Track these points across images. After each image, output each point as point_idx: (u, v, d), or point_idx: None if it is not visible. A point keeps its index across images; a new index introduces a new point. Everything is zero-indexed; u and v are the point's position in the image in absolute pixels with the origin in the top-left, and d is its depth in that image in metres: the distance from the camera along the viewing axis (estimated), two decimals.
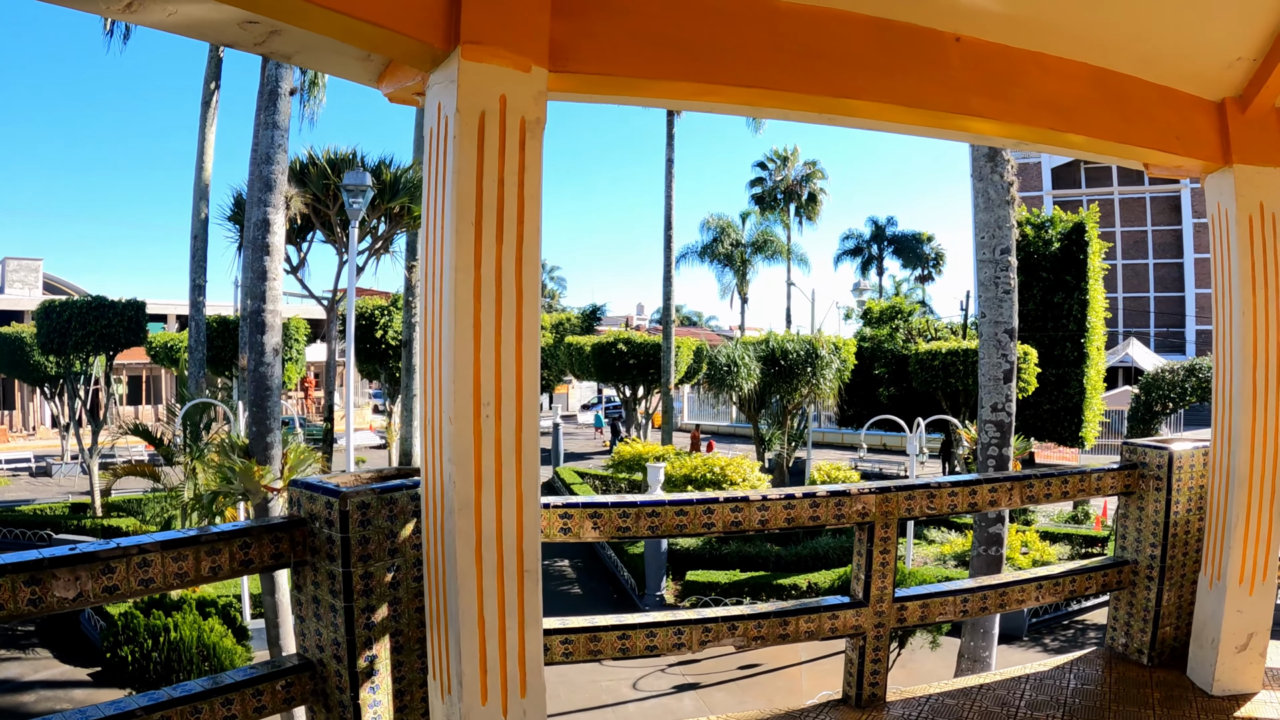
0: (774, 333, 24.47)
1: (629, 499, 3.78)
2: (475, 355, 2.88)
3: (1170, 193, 69.47)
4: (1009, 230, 10.63)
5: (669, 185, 30.15)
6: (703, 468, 19.54)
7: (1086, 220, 23.65)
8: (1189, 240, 68.21)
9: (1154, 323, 69.04)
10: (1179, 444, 4.91)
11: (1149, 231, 70.63)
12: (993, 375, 10.69)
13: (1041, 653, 15.91)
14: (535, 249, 2.98)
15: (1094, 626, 17.37)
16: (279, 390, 10.78)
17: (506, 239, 2.92)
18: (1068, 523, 24.35)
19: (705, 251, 62.95)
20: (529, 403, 2.98)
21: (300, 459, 11.14)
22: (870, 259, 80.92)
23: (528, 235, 2.95)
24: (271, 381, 10.54)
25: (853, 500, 4.02)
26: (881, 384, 28.80)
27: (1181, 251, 69.06)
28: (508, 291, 2.91)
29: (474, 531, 2.92)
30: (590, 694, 13.95)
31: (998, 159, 10.72)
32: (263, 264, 10.56)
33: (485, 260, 2.89)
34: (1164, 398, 20.88)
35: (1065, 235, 23.72)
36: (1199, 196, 66.47)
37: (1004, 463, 10.79)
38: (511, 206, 2.92)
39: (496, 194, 2.89)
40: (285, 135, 10.84)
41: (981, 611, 4.65)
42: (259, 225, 10.63)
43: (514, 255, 2.93)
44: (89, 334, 26.54)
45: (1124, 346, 52.95)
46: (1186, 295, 68.37)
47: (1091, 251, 23.58)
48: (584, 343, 38.64)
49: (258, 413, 10.50)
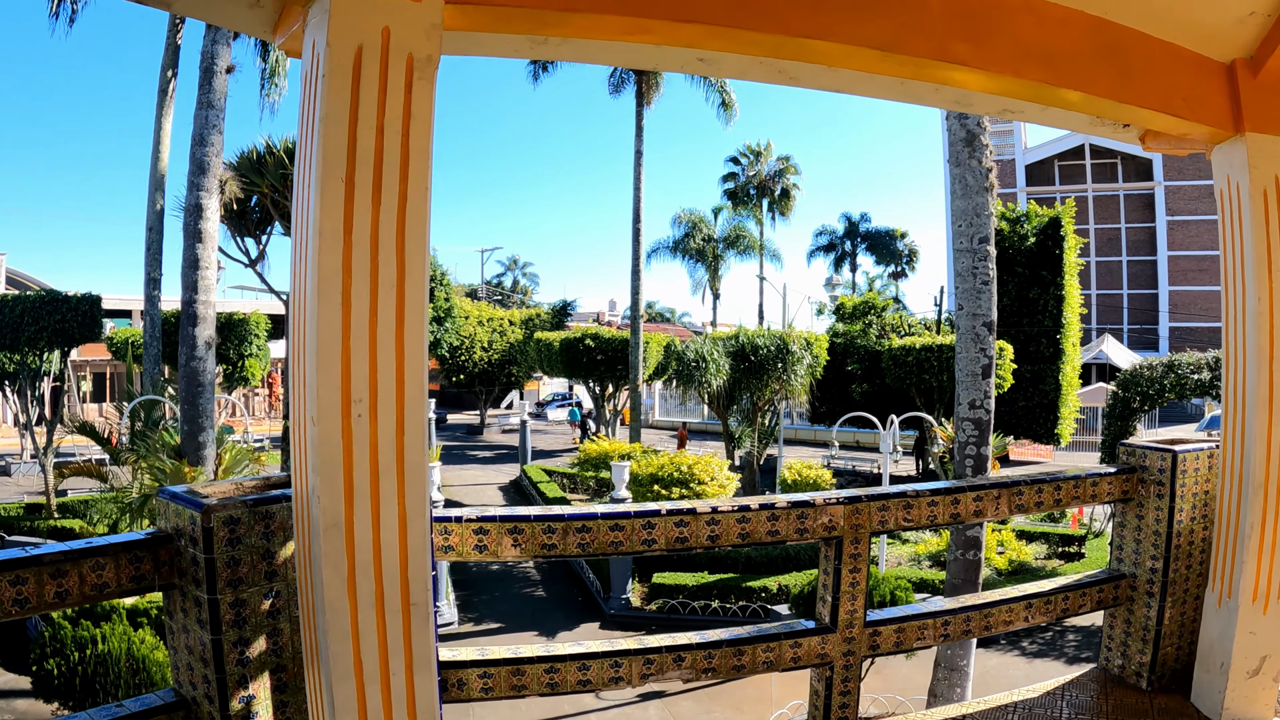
0: (744, 328, 23.95)
1: (555, 511, 3.24)
2: (344, 341, 2.35)
3: (1144, 190, 69.79)
4: (987, 218, 10.15)
5: (638, 177, 29.60)
6: (670, 467, 19.02)
7: (1063, 215, 23.32)
8: (1162, 238, 68.53)
9: (1127, 320, 69.30)
10: (1183, 445, 4.42)
11: (1123, 229, 70.95)
12: (970, 370, 10.20)
13: (1020, 657, 15.49)
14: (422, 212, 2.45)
15: (1074, 629, 16.97)
16: (212, 386, 10.13)
17: (386, 199, 2.39)
18: (1043, 520, 24.01)
19: (677, 247, 62.55)
20: (413, 400, 2.45)
21: (236, 459, 10.49)
22: (843, 255, 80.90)
23: (413, 195, 2.41)
24: (203, 377, 9.89)
25: (817, 512, 3.49)
26: (854, 380, 28.41)
27: (1155, 249, 69.38)
28: (386, 263, 2.38)
29: (345, 557, 2.41)
30: (550, 703, 13.39)
31: (975, 143, 10.23)
32: (194, 251, 9.90)
33: (358, 224, 2.37)
34: (1142, 394, 20.54)
35: (1041, 230, 23.36)
36: (1173, 194, 67.28)
37: (982, 462, 10.31)
38: (393, 160, 2.40)
39: (374, 144, 2.38)
40: (220, 116, 10.18)
41: (964, 635, 4.13)
42: (191, 210, 9.98)
43: (395, 219, 2.40)
44: (42, 329, 25.66)
45: (1098, 343, 52.93)
46: (1160, 293, 68.68)
47: (1067, 247, 23.26)
48: (553, 339, 38.08)
49: (189, 410, 9.85)
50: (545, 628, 16.77)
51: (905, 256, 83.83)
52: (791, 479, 20.29)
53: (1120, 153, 71.33)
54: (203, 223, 9.97)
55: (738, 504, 3.38)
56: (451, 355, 48.08)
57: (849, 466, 33.85)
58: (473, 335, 49.04)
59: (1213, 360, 19.95)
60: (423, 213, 2.42)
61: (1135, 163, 70.91)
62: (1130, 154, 70.68)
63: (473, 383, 51.34)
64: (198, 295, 9.91)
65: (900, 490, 3.71)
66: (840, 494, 3.56)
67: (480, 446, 46.40)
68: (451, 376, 49.86)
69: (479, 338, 49.56)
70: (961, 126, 10.21)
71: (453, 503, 28.50)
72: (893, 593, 11.45)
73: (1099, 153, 71.97)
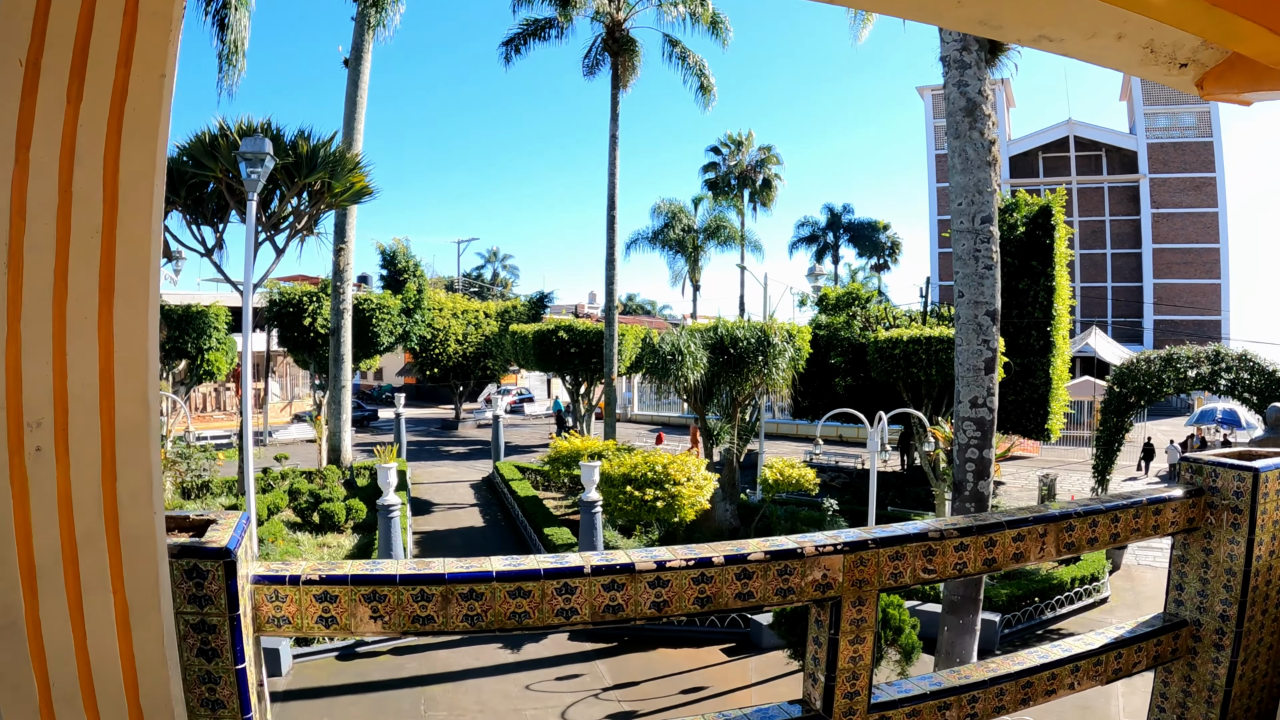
0: (724, 319, 22.97)
1: (432, 570, 2.25)
2: (10, 341, 1.36)
3: (1129, 183, 69.40)
4: (990, 195, 9.20)
5: (612, 162, 28.58)
6: (644, 466, 18.04)
7: (1053, 204, 22.38)
8: (1147, 230, 68.20)
9: (1111, 312, 68.86)
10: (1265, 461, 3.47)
11: (1107, 221, 70.58)
12: (972, 365, 9.26)
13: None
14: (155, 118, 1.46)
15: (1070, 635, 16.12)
16: None
17: (93, 94, 1.43)
18: None
19: (656, 237, 61.62)
20: (131, 420, 1.45)
21: None
22: (826, 247, 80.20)
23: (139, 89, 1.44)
24: None
25: (807, 565, 2.50)
26: (838, 374, 27.51)
27: (1140, 242, 69.01)
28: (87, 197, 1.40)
29: (30, 678, 1.43)
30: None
31: (976, 113, 9.27)
32: None
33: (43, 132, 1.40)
34: (1139, 389, 19.72)
35: (1031, 219, 22.47)
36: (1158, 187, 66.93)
37: (984, 466, 9.38)
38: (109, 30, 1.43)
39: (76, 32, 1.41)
40: None
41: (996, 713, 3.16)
42: None
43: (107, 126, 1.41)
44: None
45: (1084, 336, 52.34)
46: (1145, 285, 68.32)
47: (1058, 236, 22.33)
48: (526, 330, 37.08)
49: None
50: (511, 640, 15.70)
51: (888, 249, 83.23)
52: (773, 478, 19.38)
53: (1105, 145, 70.92)
54: None
55: (694, 556, 2.40)
56: (424, 348, 47.02)
57: (832, 463, 33.05)
58: (446, 328, 47.96)
59: (1212, 354, 19.17)
60: (155, 118, 1.46)
61: (1120, 155, 70.50)
62: (1115, 146, 70.26)
63: (447, 376, 50.27)
64: None
65: (920, 530, 2.73)
66: (839, 538, 2.57)
67: (454, 442, 45.38)
68: (425, 370, 48.73)
69: (453, 330, 48.47)
70: (961, 95, 9.26)
71: (421, 502, 27.52)
72: (884, 611, 10.53)
73: (1084, 145, 71.56)
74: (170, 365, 28.71)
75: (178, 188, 21.02)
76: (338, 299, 27.12)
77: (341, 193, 22.06)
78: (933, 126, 75.99)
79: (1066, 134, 71.38)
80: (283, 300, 30.17)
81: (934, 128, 75.90)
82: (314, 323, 29.80)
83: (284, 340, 30.80)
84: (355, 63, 27.22)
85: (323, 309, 29.77)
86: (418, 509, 26.64)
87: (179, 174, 20.77)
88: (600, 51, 29.57)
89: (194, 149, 20.29)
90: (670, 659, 14.86)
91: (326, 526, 21.63)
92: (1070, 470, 32.75)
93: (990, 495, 9.59)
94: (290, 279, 37.25)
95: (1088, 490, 29.15)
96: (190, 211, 22.08)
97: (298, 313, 30.00)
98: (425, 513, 26.25)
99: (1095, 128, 71.37)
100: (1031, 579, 17.17)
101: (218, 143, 19.98)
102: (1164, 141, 68.54)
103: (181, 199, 21.28)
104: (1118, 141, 70.44)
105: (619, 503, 17.88)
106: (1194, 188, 67.66)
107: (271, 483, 25.31)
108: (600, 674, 14.18)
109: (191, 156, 20.37)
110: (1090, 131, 71.27)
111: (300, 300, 30.10)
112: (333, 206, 23.03)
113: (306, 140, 20.65)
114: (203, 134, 20.37)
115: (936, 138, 75.79)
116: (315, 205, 22.46)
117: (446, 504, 27.68)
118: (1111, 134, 71.04)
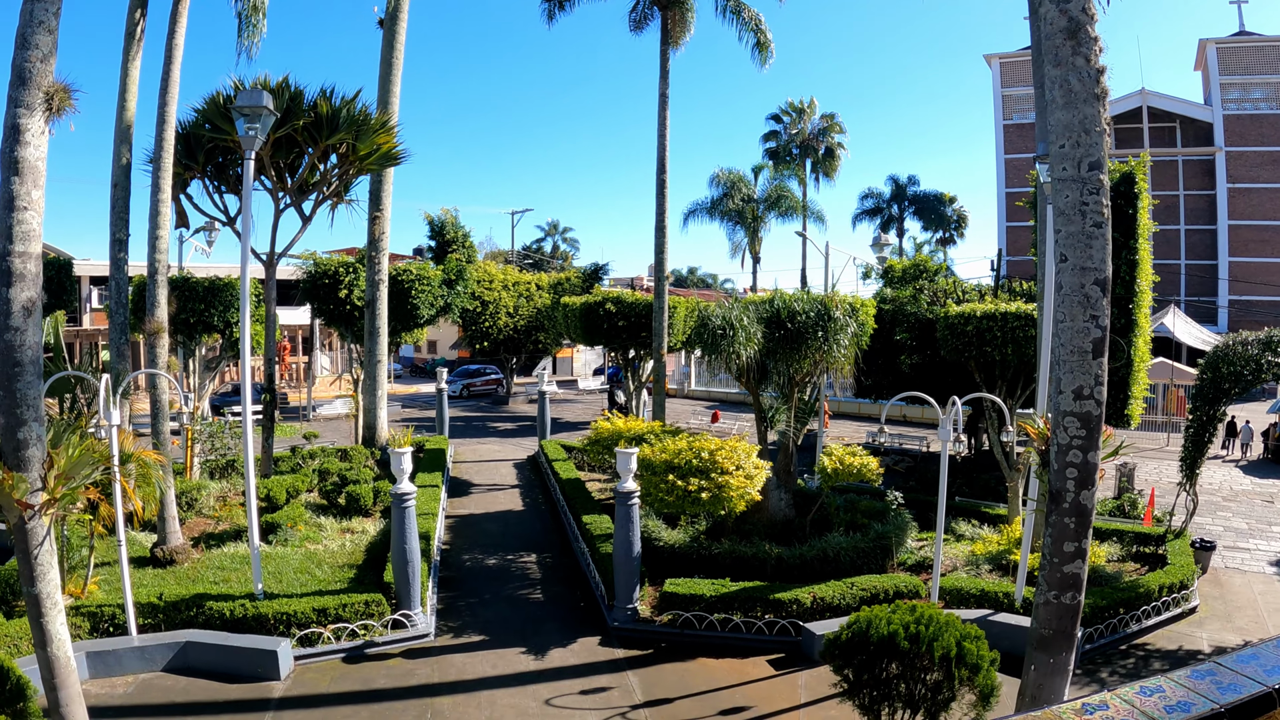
0: (781, 291, 21.06)
1: None
2: None
3: (1204, 156, 65.61)
4: (1100, 136, 7.33)
5: (662, 123, 26.65)
6: (688, 453, 16.34)
7: (1135, 171, 19.88)
8: (1223, 206, 64.45)
9: (1184, 291, 65.29)
10: None
11: (1181, 196, 66.79)
12: (1076, 346, 7.39)
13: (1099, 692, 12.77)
14: None
15: (1158, 653, 14.20)
16: (36, 366, 7.63)
17: None
18: (1113, 514, 21.10)
19: (715, 208, 59.59)
20: None
21: (76, 462, 7.99)
22: (890, 219, 77.62)
23: None
24: (21, 354, 7.40)
25: None
26: (904, 351, 25.49)
27: (1215, 218, 65.23)
28: None
29: None
30: None
31: (1080, 35, 7.38)
32: (10, 188, 7.36)
33: None
34: (1235, 374, 17.53)
35: (1113, 187, 20.12)
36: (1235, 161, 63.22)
37: (1089, 473, 7.54)
38: None
39: None
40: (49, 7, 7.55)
41: None
42: (8, 133, 7.43)
43: None
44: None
45: (1160, 315, 49.24)
46: (1220, 263, 64.66)
47: (1140, 206, 19.84)
48: (575, 303, 35.49)
49: (4, 399, 7.40)
50: (536, 643, 14.27)
51: (954, 222, 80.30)
52: (831, 467, 17.53)
53: (1179, 116, 67.12)
54: (20, 149, 7.42)
55: None
56: (473, 321, 45.74)
57: (896, 444, 31.11)
58: (497, 300, 46.60)
59: None
60: None
61: (1195, 127, 66.60)
62: (1190, 118, 66.48)
63: (497, 349, 48.99)
64: (13, 245, 7.38)
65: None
66: None
67: (503, 418, 44.10)
68: (475, 344, 47.47)
69: (504, 302, 47.11)
70: (1061, 13, 7.38)
71: (460, 483, 26.23)
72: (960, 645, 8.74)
73: (1157, 116, 67.75)
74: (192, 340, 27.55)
75: (195, 153, 19.75)
76: (373, 270, 25.79)
77: (367, 155, 20.58)
78: (1000, 96, 72.58)
79: (1139, 104, 67.57)
80: (318, 271, 28.93)
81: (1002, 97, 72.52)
82: (350, 295, 28.52)
83: (320, 312, 29.61)
84: (391, 23, 25.75)
85: (359, 280, 28.48)
86: (456, 490, 25.35)
87: (196, 138, 19.49)
88: (649, 5, 27.71)
89: (209, 111, 19.01)
90: (710, 671, 13.25)
91: (353, 510, 20.36)
92: (1146, 458, 30.38)
93: (1093, 508, 7.74)
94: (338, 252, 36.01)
95: (1167, 480, 26.89)
96: (213, 179, 20.85)
97: (333, 284, 28.73)
98: (463, 494, 24.94)
99: (1169, 98, 67.44)
100: (1116, 587, 15.21)
101: (232, 103, 18.61)
102: (1241, 114, 64.56)
103: (200, 165, 20.01)
104: (1192, 113, 66.48)
105: (660, 492, 16.27)
106: (1273, 161, 63.69)
107: (300, 462, 24.14)
108: (630, 688, 12.62)
109: (209, 120, 19.10)
110: (1164, 102, 67.39)
111: (336, 271, 28.83)
112: (362, 171, 21.57)
113: (328, 100, 19.18)
114: (216, 95, 19.06)
115: (1005, 107, 72.47)
116: (343, 169, 21.05)
117: (487, 484, 26.34)
118: (1186, 105, 67.04)
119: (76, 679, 8.58)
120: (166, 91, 17.91)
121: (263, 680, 12.73)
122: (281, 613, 13.69)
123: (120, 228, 18.11)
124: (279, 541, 17.99)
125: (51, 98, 7.49)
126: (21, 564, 7.93)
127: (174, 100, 17.98)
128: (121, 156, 18.03)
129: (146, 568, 16.42)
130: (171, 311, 23.22)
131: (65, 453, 8.03)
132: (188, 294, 26.07)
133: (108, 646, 12.94)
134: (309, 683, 12.75)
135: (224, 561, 16.77)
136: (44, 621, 8.11)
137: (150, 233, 18.09)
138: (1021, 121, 70.10)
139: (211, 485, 21.47)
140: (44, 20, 7.51)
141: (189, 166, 20.00)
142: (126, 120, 18.07)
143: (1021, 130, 69.69)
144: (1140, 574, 16.70)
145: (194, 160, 19.93)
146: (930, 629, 8.88)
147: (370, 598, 14.22)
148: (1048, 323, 14.94)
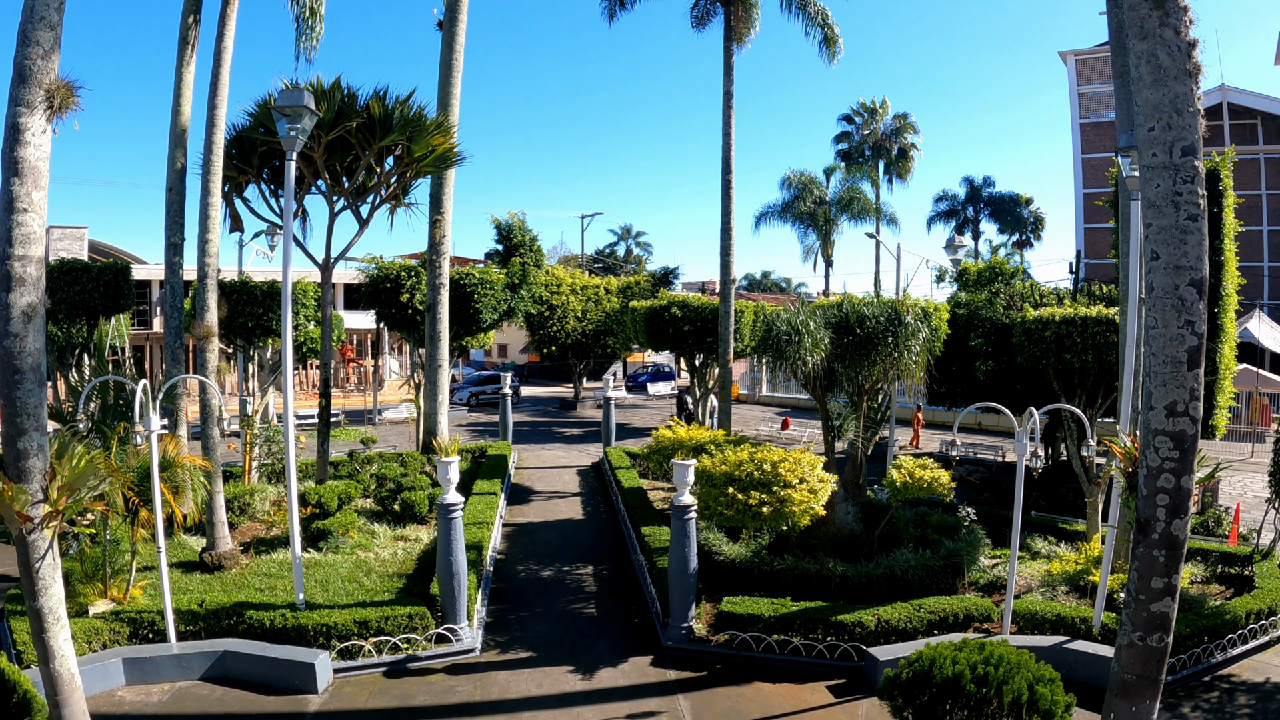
0: (850, 295, 20.16)
1: None
2: None
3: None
4: (1193, 117, 6.46)
5: (727, 122, 25.87)
6: (749, 465, 15.58)
7: (1220, 167, 18.51)
8: None
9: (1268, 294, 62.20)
10: None
11: (1263, 195, 63.64)
12: (1170, 356, 6.50)
13: None
14: None
15: (1244, 686, 13.01)
16: (38, 373, 7.24)
17: None
18: (1195, 532, 19.70)
19: (786, 210, 58.59)
20: None
21: (80, 473, 7.60)
22: (965, 221, 75.74)
23: None
24: (21, 360, 7.02)
25: None
26: (978, 357, 24.37)
27: None
28: None
29: None
30: None
31: (1168, 5, 6.54)
32: (9, 189, 7.01)
33: None
34: None
35: None
36: None
37: (1182, 500, 6.63)
38: None
39: None
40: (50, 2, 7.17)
41: None
42: (8, 132, 7.06)
43: None
44: (61, 301, 23.89)
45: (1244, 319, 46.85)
46: None
47: (1226, 205, 18.46)
48: (642, 307, 34.89)
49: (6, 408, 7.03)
50: (584, 661, 13.65)
51: (1030, 224, 78.09)
52: (900, 481, 16.60)
53: (1261, 113, 64.04)
54: (20, 149, 7.04)
55: None
56: (541, 325, 45.46)
57: (969, 454, 29.90)
58: (565, 304, 46.27)
59: None
60: None
61: (1277, 123, 63.51)
62: (1272, 114, 63.42)
63: (565, 354, 48.65)
64: (13, 249, 6.99)
65: None
66: None
67: (570, 423, 43.68)
68: (542, 348, 47.20)
69: (572, 306, 46.76)
70: None
71: (521, 490, 25.82)
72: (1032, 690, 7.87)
73: (1237, 112, 64.74)
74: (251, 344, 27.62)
75: (250, 157, 19.59)
76: (434, 274, 25.49)
77: (422, 157, 20.22)
78: (1077, 93, 70.08)
79: (1219, 100, 64.60)
80: (379, 275, 28.79)
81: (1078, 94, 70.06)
82: (412, 299, 28.31)
83: (382, 317, 29.46)
84: (450, 24, 25.42)
85: (420, 284, 28.26)
86: (516, 497, 24.92)
87: (249, 142, 19.32)
88: (710, 1, 27.03)
89: (261, 115, 18.84)
90: (765, 696, 12.49)
91: (407, 517, 20.01)
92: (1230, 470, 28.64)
93: (1186, 539, 6.81)
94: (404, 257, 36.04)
95: (1253, 494, 25.30)
96: (269, 182, 20.71)
97: (395, 288, 28.54)
98: (523, 501, 24.49)
99: (1251, 94, 64.34)
100: (1200, 613, 14.01)
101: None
102: None
103: (255, 169, 19.85)
104: (1274, 109, 63.38)
105: (719, 506, 15.55)
106: None
107: (357, 467, 23.91)
108: (680, 713, 11.91)
109: (261, 123, 18.93)
110: (1245, 98, 64.33)
111: (397, 275, 28.64)
112: (419, 174, 21.27)
113: (381, 101, 18.85)
114: (268, 98, 18.86)
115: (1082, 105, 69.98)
116: (400, 172, 20.74)
117: (548, 492, 25.87)
118: (1269, 101, 63.93)
119: (81, 695, 8.24)
120: (215, 95, 17.74)
121: (299, 693, 12.35)
122: (321, 624, 13.29)
123: (175, 232, 18.01)
124: (329, 549, 17.69)
125: (53, 96, 7.13)
126: (24, 578, 7.59)
127: (223, 103, 17.80)
128: (176, 161, 17.94)
129: (194, 573, 16.23)
130: (222, 315, 23.14)
131: (69, 463, 7.65)
132: (245, 297, 26.10)
133: (146, 653, 12.70)
134: (346, 696, 12.32)
135: (271, 568, 16.51)
136: (46, 637, 7.76)
137: (200, 236, 17.93)
138: (1099, 120, 67.63)
139: (268, 490, 21.32)
140: (45, 16, 7.15)
141: (243, 170, 19.86)
142: (181, 125, 17.98)
143: (1099, 129, 67.24)
144: (1225, 597, 15.47)
145: (248, 164, 19.79)
146: (1000, 670, 8.04)
147: (414, 610, 13.75)
148: (1130, 328, 13.88)
